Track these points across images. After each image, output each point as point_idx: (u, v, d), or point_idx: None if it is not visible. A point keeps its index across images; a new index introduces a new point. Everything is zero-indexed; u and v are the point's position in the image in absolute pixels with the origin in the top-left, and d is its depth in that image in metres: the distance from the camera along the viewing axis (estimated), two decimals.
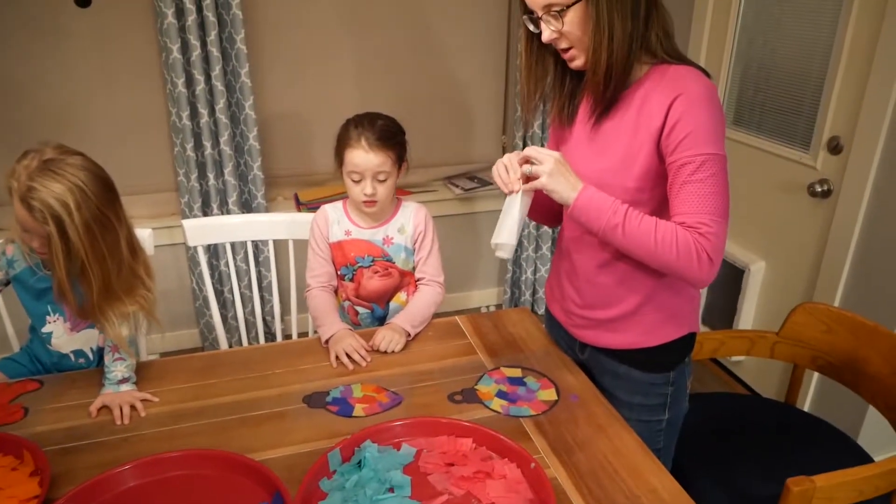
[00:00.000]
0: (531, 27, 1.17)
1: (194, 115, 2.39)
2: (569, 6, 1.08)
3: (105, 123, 2.46)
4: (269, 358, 1.44)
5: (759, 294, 2.34)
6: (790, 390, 1.68)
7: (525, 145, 2.80)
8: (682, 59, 1.15)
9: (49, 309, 1.38)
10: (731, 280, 2.39)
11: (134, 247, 1.32)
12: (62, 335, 1.40)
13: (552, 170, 1.11)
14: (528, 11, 1.15)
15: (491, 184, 2.94)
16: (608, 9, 1.06)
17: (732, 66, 2.40)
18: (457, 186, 2.90)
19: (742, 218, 2.40)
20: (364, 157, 1.45)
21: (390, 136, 1.47)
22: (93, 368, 1.45)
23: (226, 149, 2.44)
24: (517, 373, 1.37)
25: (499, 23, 2.80)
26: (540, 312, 3.12)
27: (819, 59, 2.05)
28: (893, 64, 1.77)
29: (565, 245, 1.36)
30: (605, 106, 1.17)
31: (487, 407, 1.27)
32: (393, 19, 2.65)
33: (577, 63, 1.16)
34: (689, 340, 1.31)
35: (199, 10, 2.27)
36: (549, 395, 1.30)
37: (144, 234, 1.67)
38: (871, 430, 1.98)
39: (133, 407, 1.26)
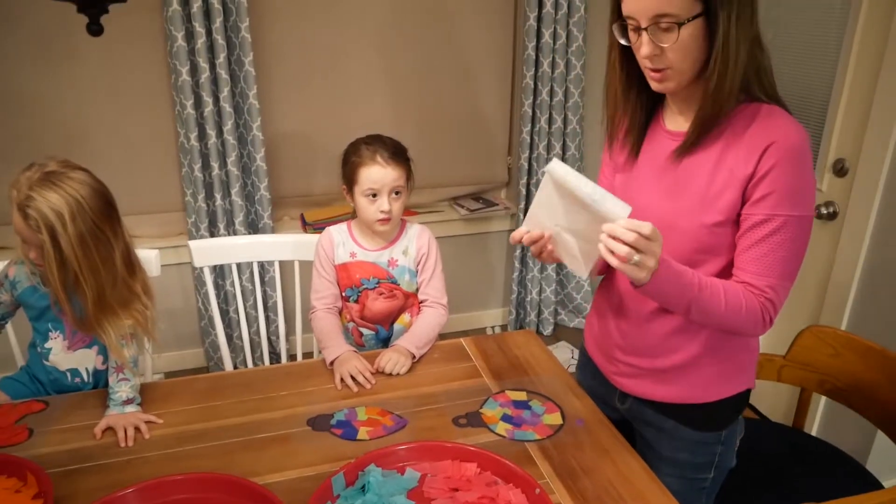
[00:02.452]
0: (621, 39, 1.02)
1: (202, 136, 2.41)
2: (690, 20, 0.94)
3: (114, 143, 2.48)
4: (273, 380, 1.44)
5: None
6: (798, 414, 1.66)
7: (531, 167, 2.82)
8: (774, 98, 1.04)
9: (50, 326, 1.40)
10: None
11: (132, 264, 1.36)
12: (60, 352, 1.42)
13: (654, 267, 0.95)
14: (620, 17, 1.01)
15: (496, 204, 2.96)
16: (737, 30, 0.94)
17: None
18: (462, 207, 2.90)
19: None
20: (382, 172, 1.46)
21: (401, 151, 1.51)
22: (99, 389, 1.45)
23: (233, 169, 2.46)
24: (522, 396, 1.37)
25: (504, 44, 2.82)
26: (546, 333, 3.11)
27: (824, 82, 2.05)
28: None
29: (615, 284, 1.24)
30: (697, 138, 1.04)
31: (492, 431, 1.26)
32: (399, 41, 2.68)
33: (668, 85, 1.02)
34: (745, 396, 1.21)
35: (209, 33, 2.30)
36: (555, 419, 1.30)
37: (151, 255, 1.68)
38: (880, 455, 1.95)
39: (137, 429, 1.27)
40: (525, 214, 2.88)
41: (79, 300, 1.27)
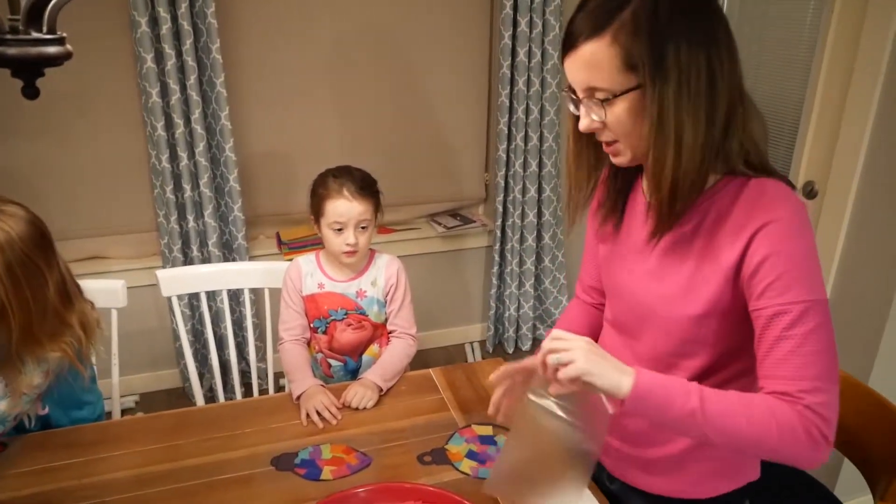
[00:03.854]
0: (571, 107, 0.93)
1: (174, 157, 2.39)
2: (616, 95, 0.84)
3: (85, 165, 2.45)
4: (239, 416, 1.43)
5: None
6: None
7: (507, 184, 2.82)
8: (765, 170, 0.90)
9: None
10: None
11: (68, 295, 1.34)
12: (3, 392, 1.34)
13: (586, 350, 0.85)
14: (571, 87, 0.91)
15: (474, 221, 2.96)
16: (675, 108, 0.81)
17: None
18: (440, 224, 2.90)
19: None
20: (348, 206, 1.46)
21: (369, 185, 1.50)
22: (63, 428, 1.43)
23: (206, 191, 2.44)
24: (488, 431, 1.37)
25: (481, 61, 2.82)
26: (524, 349, 3.11)
27: (793, 105, 2.08)
28: (864, 113, 1.79)
29: None
30: (668, 226, 0.92)
31: (457, 469, 1.26)
32: (374, 59, 2.67)
33: (622, 160, 0.93)
34: (747, 490, 1.08)
35: (179, 54, 2.28)
36: None
37: (117, 286, 1.67)
38: (849, 479, 1.97)
39: None
40: (502, 232, 2.92)
41: (1, 334, 1.24)
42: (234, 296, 2.64)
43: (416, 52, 2.71)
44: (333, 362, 1.62)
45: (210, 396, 2.67)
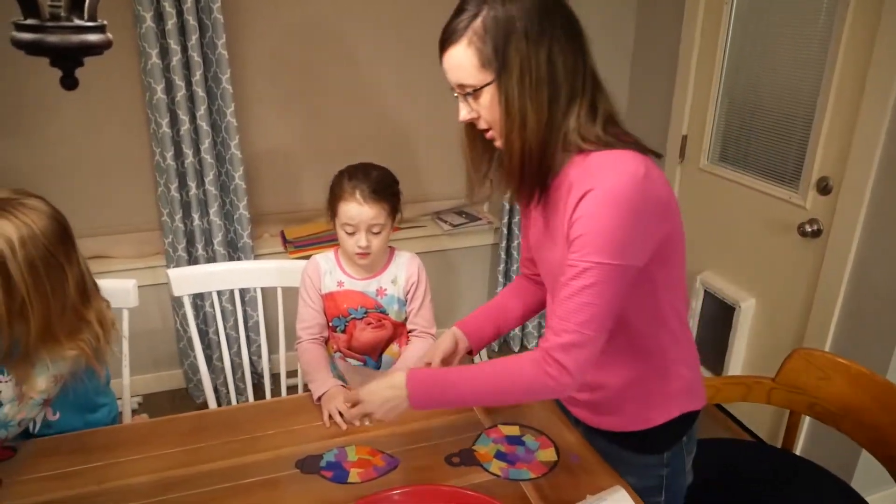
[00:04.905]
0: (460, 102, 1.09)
1: (178, 154, 2.35)
2: (477, 90, 1.01)
3: (88, 162, 2.41)
4: (258, 417, 1.40)
5: (749, 332, 2.34)
6: (787, 436, 1.66)
7: None
8: (615, 144, 1.02)
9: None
10: (721, 317, 2.38)
11: (86, 292, 1.31)
12: (11, 399, 1.29)
13: (374, 403, 1.12)
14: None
15: (480, 219, 2.93)
16: (519, 94, 0.97)
17: (720, 101, 2.42)
18: (445, 222, 2.87)
19: (732, 254, 2.41)
20: (358, 210, 1.42)
21: (384, 187, 1.45)
22: (74, 432, 1.39)
23: (211, 188, 2.39)
24: (515, 431, 1.34)
25: None
26: (530, 347, 3.09)
27: (807, 99, 2.06)
28: (881, 107, 1.78)
29: None
30: (529, 197, 1.08)
31: (486, 470, 1.23)
32: (380, 56, 2.64)
33: (498, 143, 1.09)
34: (684, 420, 1.21)
35: (184, 49, 2.23)
36: (549, 455, 1.27)
37: (128, 286, 1.63)
38: (865, 471, 1.97)
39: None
40: (508, 229, 2.89)
41: (18, 329, 1.21)
42: (241, 293, 2.60)
43: (422, 48, 2.68)
44: (353, 362, 1.58)
45: (217, 398, 2.63)
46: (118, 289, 1.60)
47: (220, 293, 2.49)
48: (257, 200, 2.63)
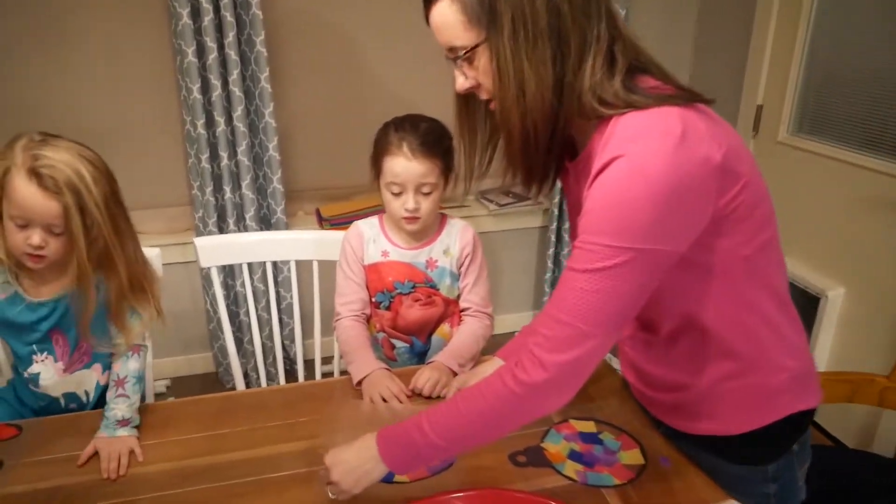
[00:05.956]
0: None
1: (210, 123, 2.20)
2: (468, 52, 0.85)
3: (114, 132, 2.27)
4: (291, 402, 1.22)
5: (837, 325, 2.09)
6: None
7: None
8: (642, 102, 0.81)
9: (35, 347, 1.17)
10: (805, 309, 2.13)
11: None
12: (52, 377, 1.19)
13: (339, 472, 0.91)
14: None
15: (528, 199, 2.73)
16: (514, 53, 0.80)
17: (803, 65, 2.17)
18: (491, 202, 2.68)
19: (817, 237, 2.16)
20: (406, 165, 1.24)
21: (436, 141, 1.26)
22: (88, 411, 1.24)
23: (243, 160, 2.24)
24: (590, 427, 1.14)
25: None
26: None
27: None
28: None
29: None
30: (540, 184, 0.93)
31: (559, 472, 1.04)
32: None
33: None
34: (794, 422, 0.97)
35: (217, 10, 2.08)
36: (634, 457, 1.07)
37: (152, 254, 1.46)
38: None
39: (132, 451, 1.09)
40: (559, 210, 2.68)
41: (103, 279, 1.12)
42: (274, 273, 2.44)
43: None
44: (398, 343, 1.40)
45: (246, 383, 2.48)
46: None
47: (251, 269, 2.36)
48: (292, 175, 2.47)
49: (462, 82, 0.90)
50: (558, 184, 2.65)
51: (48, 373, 1.19)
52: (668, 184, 0.76)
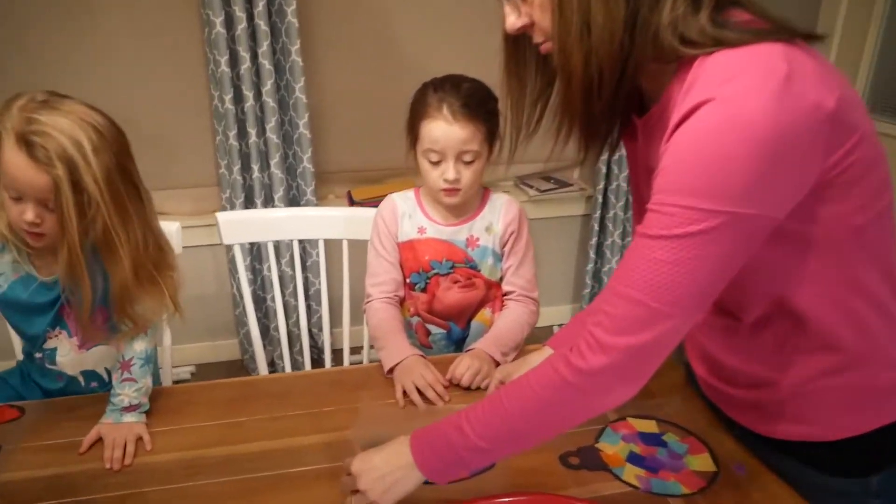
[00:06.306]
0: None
1: (238, 98, 2.10)
2: None
3: (138, 107, 2.19)
4: (316, 390, 1.11)
5: None
6: None
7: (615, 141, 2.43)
8: (736, 39, 0.67)
9: (48, 326, 1.08)
10: None
11: (156, 217, 1.07)
12: (67, 353, 1.10)
13: (368, 481, 0.80)
14: None
15: (570, 185, 2.58)
16: None
17: (882, 32, 1.98)
18: (531, 187, 2.54)
19: None
20: (446, 129, 1.11)
21: (479, 102, 1.13)
22: (97, 394, 1.14)
23: (272, 137, 2.14)
24: (651, 427, 1.01)
25: None
26: None
27: None
28: None
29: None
30: (602, 138, 0.81)
31: (618, 477, 0.90)
32: None
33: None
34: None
35: None
36: (705, 463, 0.93)
37: (172, 229, 1.36)
38: None
39: (140, 438, 0.98)
40: (604, 197, 2.53)
41: (105, 267, 0.97)
42: (303, 258, 2.35)
43: None
44: (434, 329, 1.28)
45: (272, 371, 2.39)
46: None
47: (279, 252, 2.26)
48: (323, 156, 2.36)
49: (513, 21, 0.78)
50: (602, 169, 2.48)
51: (63, 349, 1.09)
52: (770, 133, 0.62)
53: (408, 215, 1.24)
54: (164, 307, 1.06)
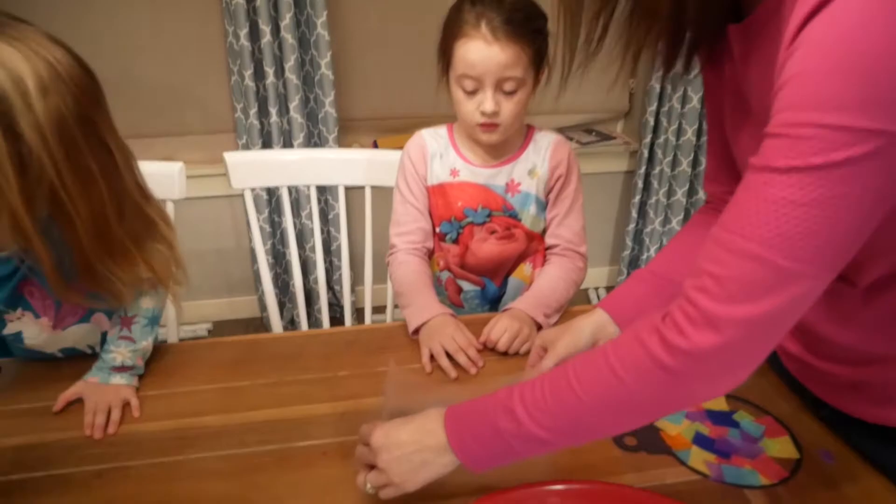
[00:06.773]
0: None
1: (255, 34, 1.94)
2: None
3: (148, 47, 2.04)
4: (331, 351, 0.98)
5: None
6: None
7: (663, 91, 2.23)
8: None
9: (3, 307, 0.89)
10: None
11: (142, 184, 0.86)
12: (38, 334, 0.92)
13: (388, 459, 0.66)
14: None
15: (613, 138, 2.39)
16: None
17: None
18: (571, 140, 2.36)
19: None
20: (484, 52, 0.94)
21: (524, 19, 0.95)
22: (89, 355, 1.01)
23: (291, 77, 1.99)
24: (721, 404, 0.85)
25: None
26: None
27: None
28: None
29: None
30: (691, 47, 0.65)
31: (683, 463, 0.76)
32: None
33: None
34: None
35: None
36: (785, 448, 0.78)
37: (173, 170, 1.23)
38: None
39: (127, 403, 0.86)
40: (650, 152, 2.34)
41: (63, 240, 0.78)
42: (323, 210, 2.21)
43: None
44: (466, 285, 1.13)
45: (291, 330, 2.28)
46: (159, 174, 1.20)
47: (298, 203, 2.13)
48: (347, 101, 2.20)
49: None
50: (649, 121, 2.27)
51: (32, 330, 0.92)
52: None
53: (439, 155, 1.08)
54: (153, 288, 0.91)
